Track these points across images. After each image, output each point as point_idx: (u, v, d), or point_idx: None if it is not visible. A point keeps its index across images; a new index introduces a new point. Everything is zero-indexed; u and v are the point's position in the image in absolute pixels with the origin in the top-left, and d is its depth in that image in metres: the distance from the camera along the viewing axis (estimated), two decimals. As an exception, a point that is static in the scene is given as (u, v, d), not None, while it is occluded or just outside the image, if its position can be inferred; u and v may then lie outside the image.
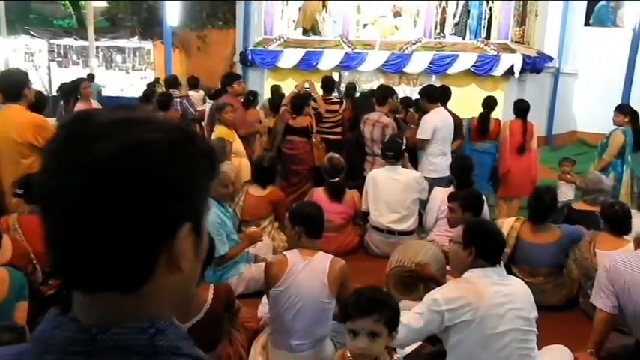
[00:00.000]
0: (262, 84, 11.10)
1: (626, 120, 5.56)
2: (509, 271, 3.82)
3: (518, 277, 3.72)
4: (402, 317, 2.32)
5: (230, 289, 2.84)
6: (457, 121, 5.95)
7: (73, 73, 17.12)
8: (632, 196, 5.42)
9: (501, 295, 2.36)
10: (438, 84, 9.33)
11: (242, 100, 6.61)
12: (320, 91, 6.60)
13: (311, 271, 2.73)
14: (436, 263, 3.65)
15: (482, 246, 2.45)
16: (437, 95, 5.64)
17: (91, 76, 13.23)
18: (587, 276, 3.55)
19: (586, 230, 3.88)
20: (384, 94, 5.75)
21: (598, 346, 3.09)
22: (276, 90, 8.20)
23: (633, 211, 3.91)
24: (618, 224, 3.57)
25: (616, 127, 5.60)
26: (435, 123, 5.33)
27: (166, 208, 0.63)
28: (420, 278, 3.50)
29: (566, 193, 5.93)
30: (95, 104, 6.42)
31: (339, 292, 2.77)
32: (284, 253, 2.90)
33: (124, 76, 17.71)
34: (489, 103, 6.04)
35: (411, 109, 6.91)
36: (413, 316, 2.38)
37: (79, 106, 6.20)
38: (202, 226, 0.70)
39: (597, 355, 3.09)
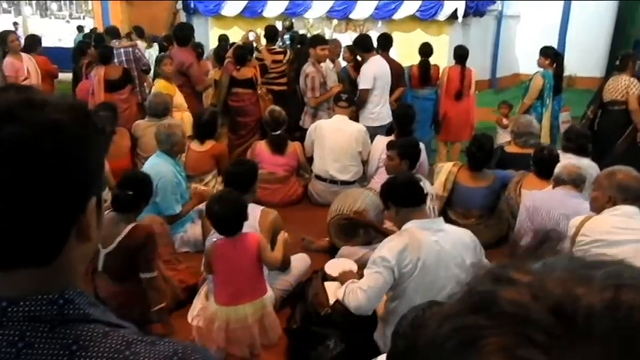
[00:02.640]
0: (207, 33, 10.79)
1: (547, 62, 5.74)
2: (445, 214, 4.05)
3: (453, 220, 3.99)
4: (360, 284, 2.44)
5: (150, 233, 2.78)
6: (398, 68, 6.02)
7: (4, 21, 16.11)
8: (552, 137, 5.69)
9: (439, 245, 2.46)
10: (384, 30, 9.39)
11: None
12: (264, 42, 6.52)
13: None
14: (374, 209, 3.81)
15: (395, 197, 2.61)
16: (370, 44, 5.65)
17: (80, 28, 12.45)
18: (512, 214, 3.80)
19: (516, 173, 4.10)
20: (313, 41, 5.75)
21: (519, 280, 3.36)
22: (222, 40, 7.99)
23: (557, 152, 4.14)
24: (544, 168, 3.76)
25: (540, 69, 5.79)
26: (375, 71, 5.38)
27: (78, 185, 0.67)
28: (358, 225, 3.65)
29: (503, 136, 6.16)
30: (25, 58, 6.11)
31: (272, 238, 2.89)
32: None
33: (62, 26, 16.75)
34: (426, 51, 6.10)
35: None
36: (370, 277, 2.43)
37: (8, 60, 5.91)
38: (102, 197, 0.75)
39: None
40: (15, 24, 15.21)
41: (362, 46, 5.62)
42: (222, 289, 2.48)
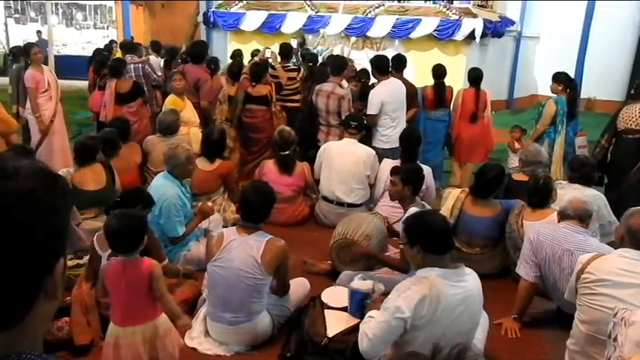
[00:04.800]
0: (225, 47, 10.93)
1: (560, 88, 5.67)
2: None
3: (457, 247, 3.95)
4: (366, 329, 2.37)
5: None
6: (412, 89, 6.00)
7: (32, 30, 16.54)
8: (565, 164, 5.60)
9: (458, 298, 2.34)
10: (401, 48, 9.44)
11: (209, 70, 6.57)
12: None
13: (245, 248, 2.83)
14: (377, 235, 3.80)
15: (426, 241, 2.38)
16: (386, 66, 5.64)
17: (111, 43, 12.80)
18: (515, 247, 3.74)
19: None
20: (340, 65, 5.75)
21: (521, 312, 3.32)
22: (236, 55, 8.08)
23: (563, 182, 4.09)
24: (530, 197, 3.78)
25: (551, 96, 5.73)
26: (382, 97, 5.38)
27: (47, 249, 0.70)
28: (360, 254, 3.64)
29: (515, 161, 6.08)
30: (46, 70, 6.25)
31: (275, 270, 2.87)
32: (223, 230, 2.99)
33: (85, 35, 17.14)
34: (440, 72, 6.06)
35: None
36: (378, 326, 2.33)
37: (30, 72, 6.04)
38: (66, 255, 0.77)
39: (520, 320, 3.33)
40: (39, 32, 15.59)
41: (378, 67, 5.60)
42: (112, 308, 2.53)
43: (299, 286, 3.24)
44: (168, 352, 2.52)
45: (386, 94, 5.36)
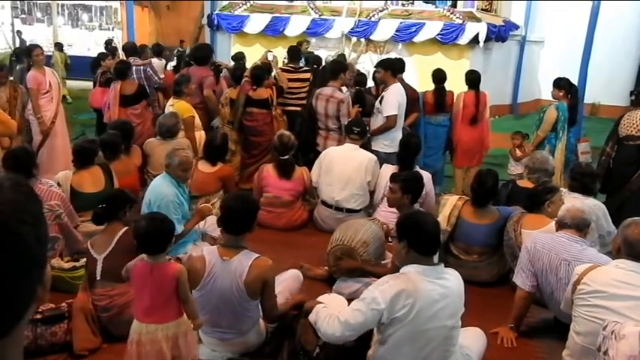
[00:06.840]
0: (229, 49, 10.95)
1: (561, 94, 5.63)
2: (448, 248, 3.99)
3: (455, 254, 3.94)
4: (339, 314, 2.39)
5: None
6: (413, 94, 5.98)
7: (38, 30, 16.66)
8: (567, 170, 5.57)
9: (436, 293, 2.35)
10: (404, 52, 9.43)
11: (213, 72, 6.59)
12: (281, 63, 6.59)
13: (228, 275, 2.69)
14: (375, 242, 3.77)
15: (413, 238, 2.43)
16: (401, 69, 5.65)
17: (59, 45, 12.94)
18: (512, 254, 3.71)
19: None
20: (337, 68, 5.73)
21: (518, 322, 3.29)
22: (238, 58, 8.08)
23: (563, 190, 4.05)
24: (526, 200, 3.80)
25: (554, 101, 5.69)
26: (398, 97, 5.38)
27: (40, 259, 0.71)
28: (348, 269, 3.61)
29: (516, 168, 6.04)
30: (48, 72, 6.27)
31: (262, 291, 2.75)
32: (203, 252, 2.82)
33: (91, 36, 17.23)
34: (440, 77, 6.03)
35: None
36: (352, 313, 2.36)
37: (32, 73, 6.06)
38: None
39: (517, 329, 3.30)
40: (18, 32, 15.81)
41: (393, 69, 5.56)
42: (136, 305, 2.60)
43: (291, 280, 3.23)
44: (189, 350, 2.58)
45: (399, 97, 5.37)
